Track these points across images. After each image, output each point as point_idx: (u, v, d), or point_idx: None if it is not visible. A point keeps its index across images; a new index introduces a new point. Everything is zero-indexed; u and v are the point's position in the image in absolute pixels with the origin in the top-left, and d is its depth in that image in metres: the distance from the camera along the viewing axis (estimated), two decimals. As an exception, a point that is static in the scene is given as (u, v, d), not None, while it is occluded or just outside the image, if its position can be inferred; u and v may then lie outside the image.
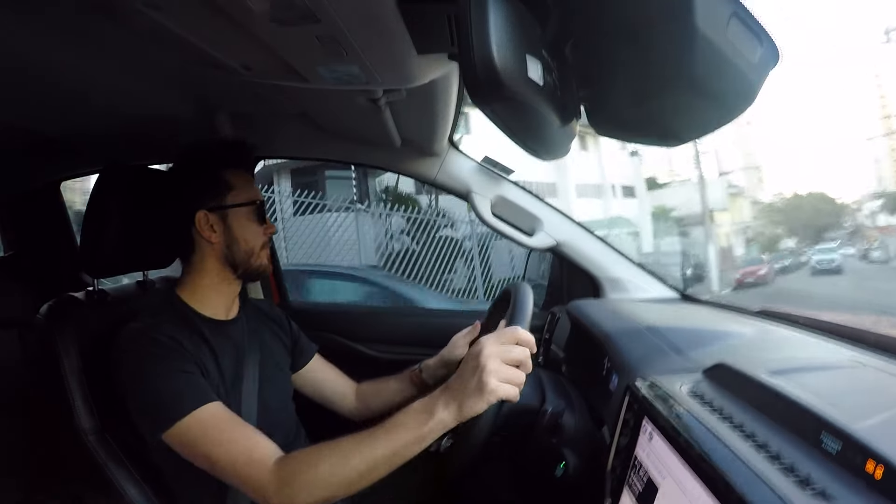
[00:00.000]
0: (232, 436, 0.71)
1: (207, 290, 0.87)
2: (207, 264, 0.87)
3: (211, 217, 0.85)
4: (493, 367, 0.61)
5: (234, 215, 0.86)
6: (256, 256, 0.88)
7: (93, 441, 0.79)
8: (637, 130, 0.62)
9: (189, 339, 0.79)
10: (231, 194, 0.86)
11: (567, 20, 0.54)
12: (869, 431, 0.40)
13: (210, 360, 0.81)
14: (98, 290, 0.91)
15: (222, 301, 0.89)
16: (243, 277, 0.90)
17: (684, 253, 12.11)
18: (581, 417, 0.79)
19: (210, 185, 0.86)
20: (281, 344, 1.00)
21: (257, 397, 0.86)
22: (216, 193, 0.85)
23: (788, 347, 0.77)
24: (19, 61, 0.72)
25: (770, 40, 0.46)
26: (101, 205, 0.88)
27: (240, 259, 0.87)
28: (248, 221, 0.87)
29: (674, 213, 16.11)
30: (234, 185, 0.87)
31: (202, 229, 0.84)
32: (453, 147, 1.23)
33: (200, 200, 0.85)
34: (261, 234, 0.89)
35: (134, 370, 0.74)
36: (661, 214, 15.64)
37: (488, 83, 0.44)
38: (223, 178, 0.86)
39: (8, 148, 1.19)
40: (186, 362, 0.76)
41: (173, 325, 0.79)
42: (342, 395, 1.06)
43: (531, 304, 0.73)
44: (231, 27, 0.61)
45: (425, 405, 0.65)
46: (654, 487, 0.51)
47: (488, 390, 0.60)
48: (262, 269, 0.90)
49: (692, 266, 7.15)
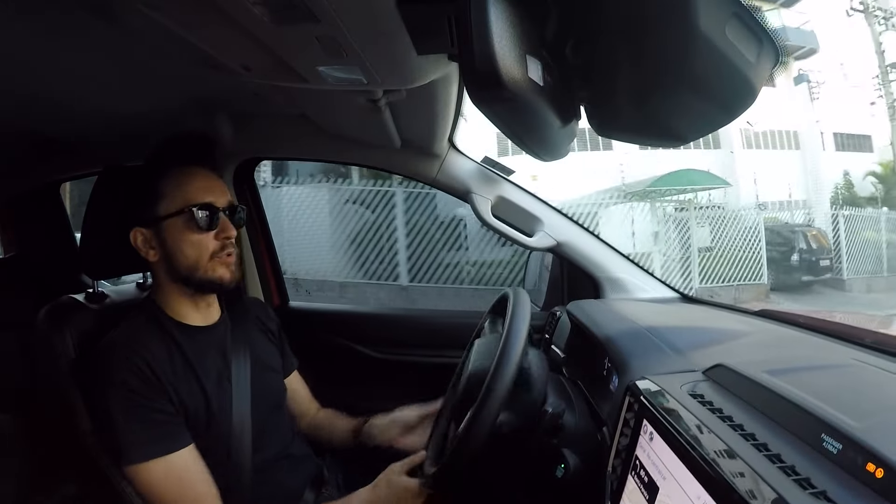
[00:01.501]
0: (182, 492, 0.74)
1: (175, 300, 0.84)
2: (160, 279, 0.84)
3: (145, 233, 0.80)
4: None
5: (167, 227, 0.79)
6: (205, 269, 0.79)
7: (93, 442, 0.79)
8: (637, 130, 0.62)
9: (165, 355, 0.78)
10: (162, 204, 0.79)
11: (567, 20, 0.54)
12: (869, 432, 0.40)
13: (185, 377, 0.79)
14: (98, 291, 0.91)
15: (194, 310, 0.85)
16: (199, 291, 0.83)
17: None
18: (581, 418, 0.79)
19: (139, 197, 0.81)
20: (273, 345, 0.99)
21: (250, 399, 0.85)
22: (145, 206, 0.79)
23: (788, 347, 0.76)
24: (19, 62, 0.72)
25: (770, 40, 0.46)
26: (101, 206, 0.87)
27: (184, 275, 0.80)
28: (184, 231, 0.79)
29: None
30: (165, 192, 0.79)
31: (138, 247, 0.80)
32: (453, 147, 1.23)
33: (132, 217, 0.80)
34: (205, 243, 0.79)
35: (105, 401, 0.73)
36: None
37: (488, 83, 0.44)
38: (152, 187, 0.80)
39: (8, 148, 1.19)
40: (153, 398, 0.74)
41: (148, 338, 0.78)
42: (301, 415, 1.05)
43: (527, 323, 0.73)
44: (231, 27, 0.61)
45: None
46: (655, 488, 0.50)
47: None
48: (217, 281, 0.80)
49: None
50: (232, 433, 0.81)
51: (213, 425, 0.80)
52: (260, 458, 0.85)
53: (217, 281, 0.81)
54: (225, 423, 0.81)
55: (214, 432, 0.80)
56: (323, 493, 0.95)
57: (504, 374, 0.67)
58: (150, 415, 0.74)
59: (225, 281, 0.81)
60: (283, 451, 0.91)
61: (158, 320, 0.82)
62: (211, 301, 0.88)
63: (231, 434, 0.81)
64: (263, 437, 0.87)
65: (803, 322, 0.84)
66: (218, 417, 0.80)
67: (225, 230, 0.81)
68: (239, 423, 0.82)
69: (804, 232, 8.19)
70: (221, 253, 0.81)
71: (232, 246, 0.82)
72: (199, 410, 0.79)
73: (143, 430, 0.73)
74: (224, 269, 0.81)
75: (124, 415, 0.72)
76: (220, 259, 0.81)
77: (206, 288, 0.83)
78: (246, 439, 0.83)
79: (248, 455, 0.82)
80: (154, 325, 0.81)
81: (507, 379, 0.67)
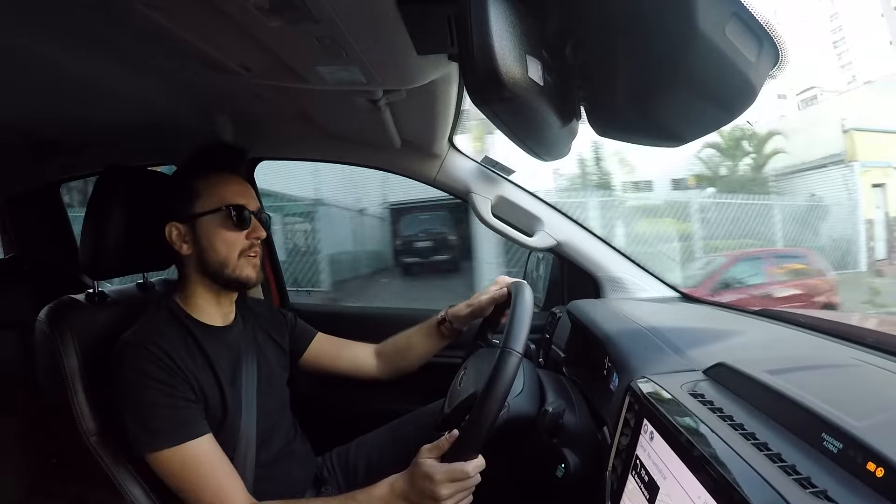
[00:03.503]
0: (205, 480, 0.74)
1: (199, 297, 0.87)
2: (189, 274, 0.86)
3: (181, 228, 0.84)
4: (448, 500, 0.70)
5: (202, 224, 0.83)
6: (233, 266, 0.84)
7: (94, 442, 0.79)
8: (637, 130, 0.62)
9: (184, 350, 0.79)
10: (198, 202, 0.83)
11: (567, 20, 0.54)
12: (870, 431, 0.40)
13: (205, 371, 0.81)
14: (98, 291, 0.91)
15: (216, 308, 0.88)
16: (226, 288, 0.87)
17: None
18: (581, 417, 0.79)
19: (176, 195, 0.85)
20: (277, 346, 0.99)
21: (256, 401, 0.86)
22: (182, 203, 0.84)
23: (788, 347, 0.77)
24: (19, 62, 0.72)
25: (770, 40, 0.46)
26: (101, 206, 0.87)
27: (213, 269, 0.84)
28: (219, 229, 0.83)
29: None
30: (202, 192, 0.84)
31: (172, 241, 0.84)
32: (453, 147, 1.23)
33: (169, 212, 0.84)
34: (237, 241, 0.84)
35: (125, 390, 0.75)
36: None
37: (488, 83, 0.44)
38: (190, 186, 0.85)
39: (8, 148, 1.19)
40: (176, 385, 0.76)
41: (168, 334, 0.79)
42: (361, 362, 1.07)
43: (529, 320, 0.73)
44: (231, 28, 0.61)
45: (387, 500, 0.72)
46: (656, 487, 0.51)
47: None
48: (242, 279, 0.85)
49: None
50: (240, 432, 0.82)
51: (226, 422, 0.81)
52: (265, 454, 0.86)
53: (244, 280, 0.85)
54: (236, 421, 0.82)
55: (226, 429, 0.81)
56: (323, 491, 0.96)
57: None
58: (175, 401, 0.75)
59: (251, 281, 0.86)
60: (286, 448, 0.92)
61: (178, 317, 0.84)
62: (232, 300, 0.91)
63: (239, 432, 0.82)
64: (269, 434, 0.88)
65: (804, 321, 0.84)
66: (231, 415, 0.82)
67: (256, 230, 0.86)
68: (247, 423, 0.83)
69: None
70: (249, 251, 0.86)
71: (259, 246, 0.87)
72: (216, 405, 0.81)
73: (169, 415, 0.74)
74: (251, 270, 0.86)
75: (150, 403, 0.73)
76: (247, 258, 0.85)
77: (232, 285, 0.86)
78: (252, 438, 0.84)
79: (252, 453, 0.83)
80: (174, 322, 0.83)
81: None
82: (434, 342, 1.05)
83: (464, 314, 1.01)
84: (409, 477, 0.72)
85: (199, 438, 0.75)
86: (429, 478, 0.70)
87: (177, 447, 0.73)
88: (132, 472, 0.80)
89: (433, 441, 0.73)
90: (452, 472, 0.70)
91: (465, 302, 1.02)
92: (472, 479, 0.71)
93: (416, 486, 0.71)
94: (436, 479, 0.69)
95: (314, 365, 1.05)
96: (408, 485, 0.72)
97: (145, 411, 0.73)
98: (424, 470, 0.71)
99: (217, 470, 0.75)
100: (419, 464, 0.72)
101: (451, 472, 0.70)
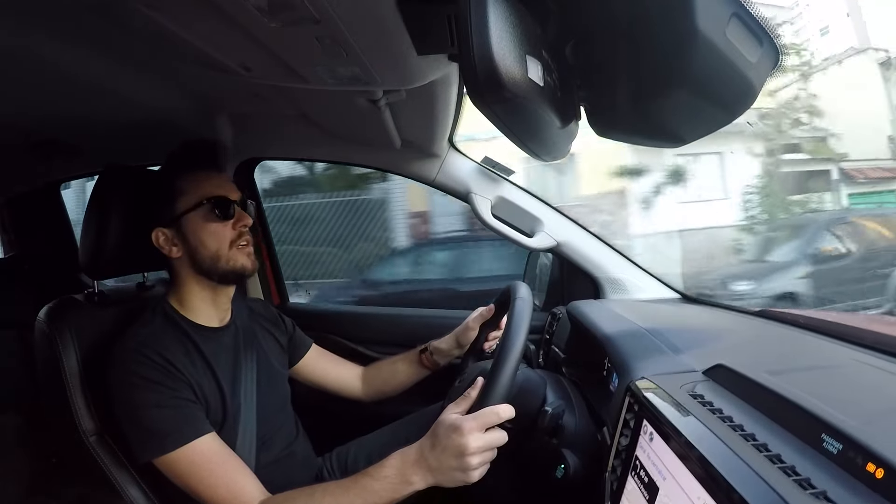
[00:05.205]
0: (217, 476, 0.73)
1: (194, 299, 0.86)
2: (182, 275, 0.86)
3: (166, 232, 0.83)
4: (476, 456, 0.64)
5: (187, 223, 0.83)
6: (226, 258, 0.83)
7: (93, 442, 0.79)
8: (637, 131, 0.62)
9: (184, 355, 0.79)
10: (181, 200, 0.83)
11: (567, 21, 0.54)
12: (870, 432, 0.40)
13: (204, 373, 0.80)
14: (98, 291, 0.91)
15: (212, 308, 0.87)
16: (223, 282, 0.86)
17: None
18: (581, 418, 0.79)
19: (159, 196, 0.84)
20: (277, 343, 0.99)
21: (256, 401, 0.86)
22: (165, 204, 0.83)
23: (788, 347, 0.76)
24: (19, 62, 0.72)
25: (770, 40, 0.46)
26: (101, 206, 0.87)
27: (207, 266, 0.83)
28: (204, 223, 0.83)
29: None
30: (184, 189, 0.83)
31: (161, 246, 0.83)
32: (453, 148, 1.23)
33: (154, 217, 0.84)
34: (224, 232, 0.84)
35: (124, 395, 0.74)
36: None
37: (488, 84, 0.44)
38: (173, 185, 0.84)
39: (8, 148, 1.19)
40: (178, 388, 0.75)
41: (165, 338, 0.79)
42: (347, 383, 1.09)
43: (528, 320, 0.74)
44: (231, 28, 0.61)
45: (401, 471, 0.66)
46: (655, 488, 0.50)
47: (469, 475, 0.64)
48: (238, 269, 0.84)
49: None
50: (240, 433, 0.82)
51: (225, 425, 0.81)
52: (266, 455, 0.86)
53: (240, 270, 0.85)
54: (236, 422, 0.82)
55: (225, 432, 0.80)
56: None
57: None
58: (178, 402, 0.74)
59: (247, 269, 0.85)
60: (287, 449, 0.91)
61: (174, 320, 0.83)
62: (229, 297, 0.90)
63: (239, 433, 0.82)
64: (269, 436, 0.88)
65: (803, 322, 0.83)
66: (230, 418, 0.81)
67: (241, 219, 0.86)
68: (246, 425, 0.83)
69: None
70: (240, 241, 0.85)
71: (248, 234, 0.87)
72: (217, 407, 0.80)
73: (173, 417, 0.73)
74: (245, 259, 0.85)
75: (153, 407, 0.73)
76: (239, 248, 0.85)
77: (229, 277, 0.85)
78: (252, 441, 0.83)
79: (252, 456, 0.83)
80: (170, 325, 0.83)
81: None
82: (415, 371, 1.07)
83: (446, 345, 1.04)
84: (430, 439, 0.67)
85: (206, 435, 0.74)
86: (456, 429, 0.63)
87: (186, 446, 0.72)
88: (131, 472, 0.80)
89: None
90: (483, 417, 0.64)
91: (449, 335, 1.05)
92: (501, 435, 0.65)
93: (439, 445, 0.65)
94: (464, 428, 0.63)
95: (304, 377, 1.07)
96: (427, 448, 0.66)
97: (151, 415, 0.73)
98: (450, 421, 0.65)
99: (228, 464, 0.74)
100: (442, 420, 0.67)
101: (482, 417, 0.64)
